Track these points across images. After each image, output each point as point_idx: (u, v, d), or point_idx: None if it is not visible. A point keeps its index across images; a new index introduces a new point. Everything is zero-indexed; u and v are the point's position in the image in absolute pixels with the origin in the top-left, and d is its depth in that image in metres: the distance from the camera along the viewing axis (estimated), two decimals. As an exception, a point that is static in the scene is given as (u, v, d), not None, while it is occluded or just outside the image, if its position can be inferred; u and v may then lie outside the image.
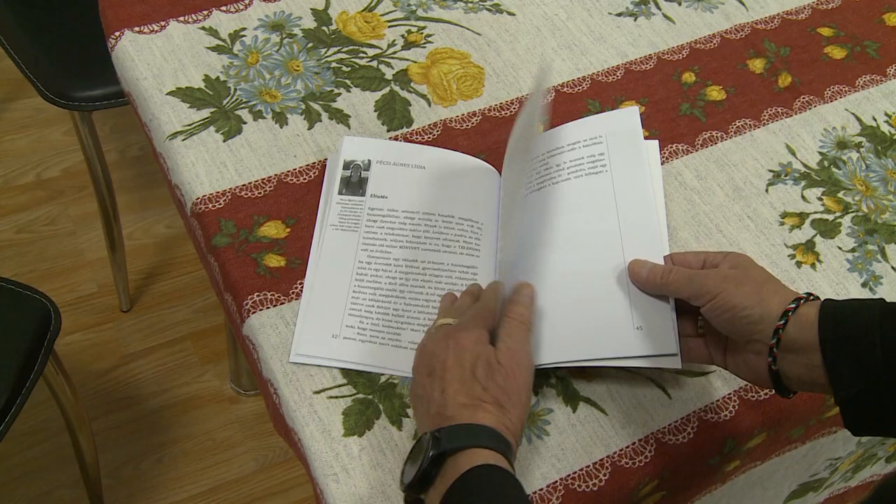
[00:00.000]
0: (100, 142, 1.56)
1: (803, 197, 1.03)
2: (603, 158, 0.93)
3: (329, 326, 0.87)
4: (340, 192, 0.95)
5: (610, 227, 0.89)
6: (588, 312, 0.84)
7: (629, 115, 0.96)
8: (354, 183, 0.96)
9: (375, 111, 1.04)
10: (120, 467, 1.63)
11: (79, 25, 1.52)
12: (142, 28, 1.09)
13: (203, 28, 1.09)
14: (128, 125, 2.07)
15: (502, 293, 0.82)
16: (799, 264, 0.97)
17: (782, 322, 0.72)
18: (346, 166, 0.97)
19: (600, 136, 0.95)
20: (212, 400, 1.73)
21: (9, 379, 1.17)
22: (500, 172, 0.98)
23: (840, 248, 0.99)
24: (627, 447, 0.83)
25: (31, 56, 1.48)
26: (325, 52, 1.09)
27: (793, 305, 0.73)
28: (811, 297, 0.74)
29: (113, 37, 1.08)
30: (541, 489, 0.80)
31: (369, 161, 0.97)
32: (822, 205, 1.03)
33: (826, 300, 0.73)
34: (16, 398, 1.17)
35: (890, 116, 1.12)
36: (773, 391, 0.76)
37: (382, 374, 0.85)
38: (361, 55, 1.10)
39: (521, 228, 0.90)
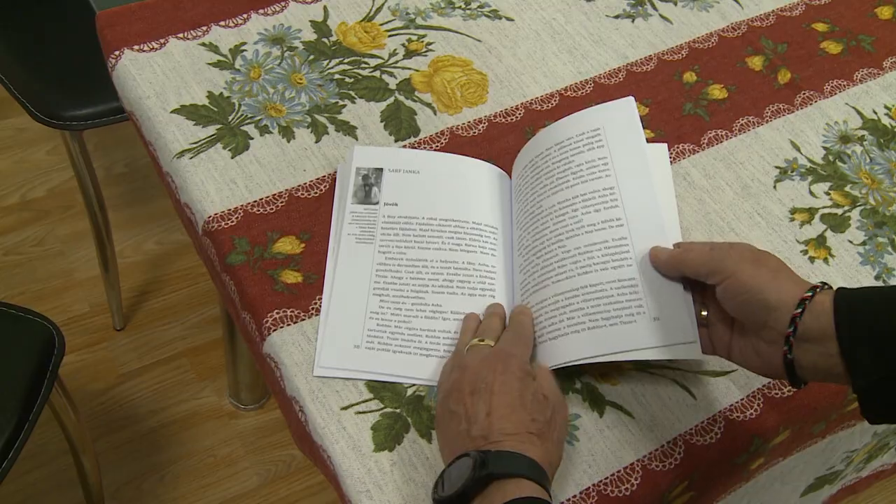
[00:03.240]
0: (91, 160, 1.54)
1: (811, 192, 1.04)
2: (606, 160, 0.90)
3: (350, 337, 0.87)
4: (353, 203, 0.95)
5: (618, 223, 0.87)
6: (603, 308, 0.83)
7: (625, 106, 0.93)
8: (367, 192, 0.95)
9: (382, 121, 1.04)
10: (121, 488, 1.61)
11: (66, 45, 1.50)
12: (141, 46, 1.08)
13: (203, 44, 1.08)
14: (112, 142, 2.05)
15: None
16: (812, 259, 0.98)
17: (799, 311, 0.71)
18: (358, 176, 0.96)
19: (599, 130, 0.92)
20: (211, 416, 1.71)
21: (16, 405, 1.15)
22: (509, 176, 0.99)
23: (851, 242, 1.00)
24: (657, 450, 0.83)
25: (18, 77, 1.46)
26: (328, 64, 1.08)
27: (809, 294, 0.71)
28: (825, 287, 0.73)
29: (112, 56, 1.07)
30: (574, 496, 0.80)
31: (381, 169, 0.97)
32: (830, 199, 1.03)
33: (840, 289, 0.72)
34: (23, 424, 1.15)
35: (890, 109, 1.13)
36: (787, 382, 0.74)
37: (409, 388, 0.85)
38: (364, 66, 1.09)
39: (533, 240, 0.90)
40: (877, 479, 1.28)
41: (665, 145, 0.99)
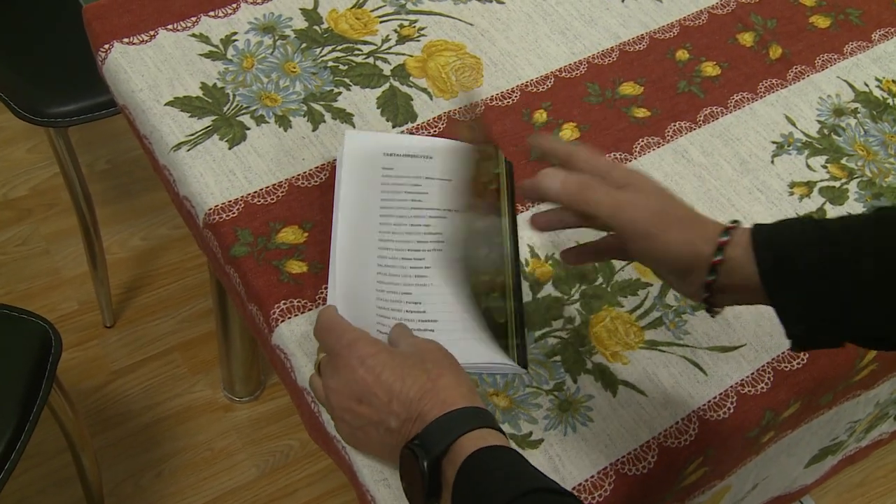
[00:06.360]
0: (77, 157, 1.52)
1: (808, 166, 1.04)
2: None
3: (358, 324, 0.86)
4: (350, 188, 0.93)
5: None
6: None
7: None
8: (364, 177, 0.94)
9: (378, 108, 1.03)
10: (119, 485, 1.60)
11: (47, 41, 1.48)
12: (131, 39, 1.06)
13: (193, 35, 1.07)
14: (94, 138, 2.03)
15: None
16: (813, 233, 0.98)
17: (712, 279, 0.68)
18: (353, 161, 0.95)
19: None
20: (206, 409, 1.70)
21: (15, 407, 1.14)
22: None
23: (850, 214, 1.00)
24: (671, 427, 0.83)
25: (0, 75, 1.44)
26: (320, 52, 1.08)
27: (719, 258, 0.67)
28: (736, 226, 0.69)
29: (102, 50, 1.06)
30: (592, 476, 0.80)
31: (377, 154, 0.96)
32: (828, 172, 1.04)
33: (755, 232, 0.68)
34: (24, 425, 1.14)
35: (881, 81, 1.13)
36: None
37: (420, 374, 0.84)
38: (357, 52, 1.08)
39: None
40: (874, 449, 1.30)
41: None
